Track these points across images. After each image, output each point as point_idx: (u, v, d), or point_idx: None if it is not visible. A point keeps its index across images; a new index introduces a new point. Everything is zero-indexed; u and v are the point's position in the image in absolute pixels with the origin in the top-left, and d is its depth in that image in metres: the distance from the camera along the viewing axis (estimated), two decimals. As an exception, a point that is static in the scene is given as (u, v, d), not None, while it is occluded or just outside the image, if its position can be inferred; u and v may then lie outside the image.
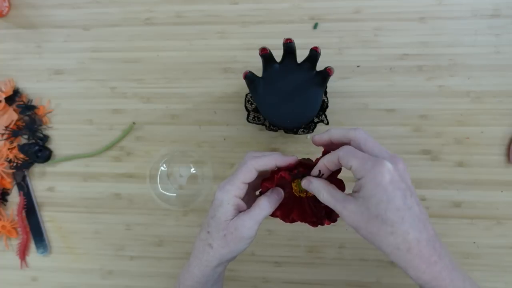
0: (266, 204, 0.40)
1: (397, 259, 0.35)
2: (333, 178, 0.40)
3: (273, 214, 0.42)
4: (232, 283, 0.61)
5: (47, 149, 0.63)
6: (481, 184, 0.58)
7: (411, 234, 0.34)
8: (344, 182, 0.41)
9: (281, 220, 0.42)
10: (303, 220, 0.42)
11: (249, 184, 0.40)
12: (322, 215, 0.41)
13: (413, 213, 0.34)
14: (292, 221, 0.42)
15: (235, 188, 0.39)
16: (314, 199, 0.42)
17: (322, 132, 0.40)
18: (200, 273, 0.41)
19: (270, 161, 0.39)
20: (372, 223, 0.34)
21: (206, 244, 0.40)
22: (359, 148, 0.37)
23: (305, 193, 0.42)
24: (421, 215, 0.35)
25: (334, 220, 0.41)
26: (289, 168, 0.40)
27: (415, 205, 0.35)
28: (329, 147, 0.40)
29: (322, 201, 0.38)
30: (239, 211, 0.40)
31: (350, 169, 0.36)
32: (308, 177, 0.39)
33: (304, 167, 0.40)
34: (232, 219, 0.39)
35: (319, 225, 0.42)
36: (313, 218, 0.42)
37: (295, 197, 0.42)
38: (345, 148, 0.36)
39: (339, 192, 0.37)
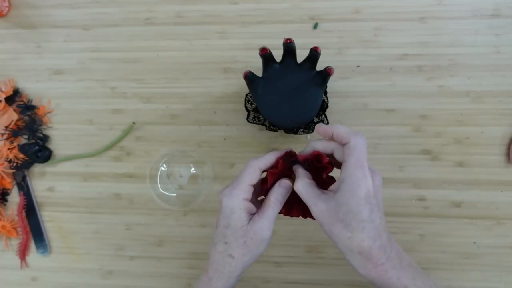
0: (276, 201, 0.40)
1: (349, 258, 0.39)
2: (321, 177, 0.41)
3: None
4: (232, 283, 0.61)
5: (47, 149, 0.63)
6: (481, 184, 0.58)
7: (365, 242, 0.37)
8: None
9: (284, 217, 0.43)
10: (304, 215, 0.42)
11: (254, 187, 0.40)
12: None
13: (374, 225, 0.37)
14: (291, 216, 0.42)
15: (243, 192, 0.39)
16: None
17: (329, 125, 0.40)
18: (222, 285, 0.41)
19: (271, 157, 0.40)
20: (335, 225, 0.37)
21: (226, 256, 0.40)
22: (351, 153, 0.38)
23: None
24: (380, 226, 0.38)
25: None
26: (283, 157, 0.40)
27: (378, 218, 0.37)
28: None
29: (299, 194, 0.39)
30: (251, 214, 0.40)
31: (344, 160, 0.37)
32: (297, 165, 0.40)
33: (290, 157, 0.41)
34: (248, 224, 0.39)
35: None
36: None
37: (294, 193, 0.42)
38: (360, 140, 0.37)
39: (315, 188, 0.39)
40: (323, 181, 0.41)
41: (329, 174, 0.41)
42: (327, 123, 0.57)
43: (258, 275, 0.61)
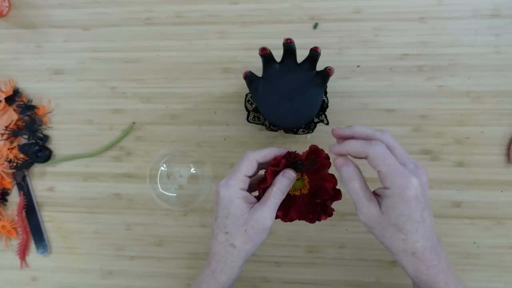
0: (278, 191, 0.39)
1: (400, 260, 0.38)
2: (321, 174, 0.41)
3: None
4: (232, 283, 0.61)
5: (47, 149, 0.63)
6: (481, 184, 0.58)
7: (420, 242, 0.37)
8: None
9: (281, 221, 0.42)
10: (301, 217, 0.42)
11: (250, 179, 0.40)
12: (318, 211, 0.41)
13: (426, 225, 0.37)
14: (291, 220, 0.42)
15: (239, 182, 0.39)
16: (308, 196, 0.42)
17: (344, 127, 0.40)
18: (226, 277, 0.41)
19: (269, 151, 0.40)
20: (388, 228, 0.37)
21: (228, 246, 0.39)
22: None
23: (299, 191, 0.42)
24: (431, 225, 0.38)
25: (330, 215, 0.42)
26: (284, 157, 0.40)
27: (428, 216, 0.38)
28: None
29: (349, 190, 0.38)
30: (250, 203, 0.40)
31: (376, 170, 0.37)
32: (343, 159, 0.39)
33: (294, 158, 0.40)
34: (249, 212, 0.39)
35: (316, 221, 0.42)
36: (309, 215, 0.42)
37: (290, 196, 0.42)
38: (378, 148, 0.37)
39: (369, 190, 0.38)
40: (323, 178, 0.41)
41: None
42: (327, 123, 0.57)
43: (258, 275, 0.61)
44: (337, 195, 0.41)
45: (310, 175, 0.42)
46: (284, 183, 0.40)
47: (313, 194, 0.42)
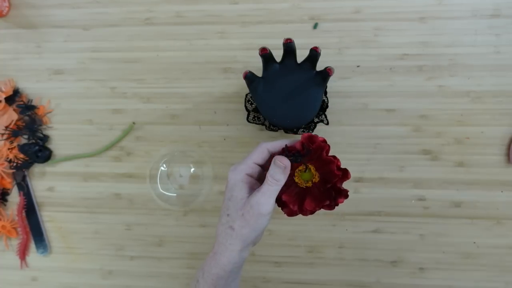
0: (271, 178, 0.40)
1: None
2: (322, 158, 0.40)
3: (291, 211, 0.42)
4: (232, 283, 0.61)
5: (47, 149, 0.63)
6: (481, 184, 0.58)
7: None
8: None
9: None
10: (318, 206, 0.41)
11: (261, 167, 0.41)
12: (333, 195, 0.41)
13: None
14: (310, 212, 0.42)
15: (247, 167, 0.40)
16: (320, 184, 0.42)
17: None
18: (226, 260, 0.41)
19: (281, 143, 0.41)
20: None
21: (228, 227, 0.41)
22: None
23: (310, 182, 0.42)
24: None
25: (346, 196, 0.41)
26: (289, 150, 0.40)
27: None
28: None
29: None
30: (253, 189, 0.40)
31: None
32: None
33: (289, 151, 0.40)
34: (247, 197, 0.40)
35: (335, 207, 0.41)
36: (326, 201, 0.41)
37: (304, 189, 0.42)
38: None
39: None
40: (325, 162, 0.40)
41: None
42: (327, 123, 0.57)
43: (258, 275, 0.61)
44: (345, 174, 0.40)
45: (315, 163, 0.41)
46: (276, 170, 0.40)
47: (326, 181, 0.41)
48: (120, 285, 0.63)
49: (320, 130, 0.59)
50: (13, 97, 0.64)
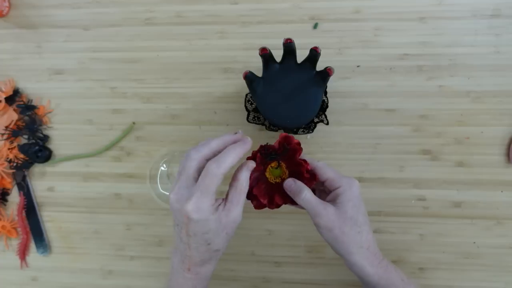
0: (242, 188, 0.40)
1: (359, 257, 0.42)
2: (295, 159, 0.42)
3: (260, 204, 0.44)
4: (232, 283, 0.61)
5: (47, 149, 0.63)
6: (481, 184, 0.58)
7: (370, 234, 0.43)
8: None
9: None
10: (285, 201, 0.44)
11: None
12: None
13: (368, 219, 0.44)
14: (277, 206, 0.44)
15: (209, 200, 0.38)
16: None
17: (321, 166, 0.43)
18: (211, 272, 0.44)
19: (233, 159, 0.39)
20: (346, 223, 0.41)
21: (212, 252, 0.41)
22: None
23: (280, 178, 0.44)
24: (369, 221, 0.44)
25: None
26: (259, 151, 0.43)
27: (366, 212, 0.44)
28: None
29: (300, 201, 0.41)
30: (218, 205, 0.40)
31: (324, 180, 0.43)
32: (291, 179, 0.43)
33: (268, 149, 0.43)
34: (224, 216, 0.39)
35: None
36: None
37: (273, 184, 0.45)
38: (320, 162, 0.44)
39: (317, 198, 0.42)
40: (296, 163, 0.42)
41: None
42: (327, 123, 0.57)
43: (258, 275, 0.61)
44: (312, 177, 0.43)
45: (286, 162, 0.44)
46: (244, 177, 0.40)
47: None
48: (120, 285, 0.63)
49: (320, 130, 0.59)
50: (13, 97, 0.64)
